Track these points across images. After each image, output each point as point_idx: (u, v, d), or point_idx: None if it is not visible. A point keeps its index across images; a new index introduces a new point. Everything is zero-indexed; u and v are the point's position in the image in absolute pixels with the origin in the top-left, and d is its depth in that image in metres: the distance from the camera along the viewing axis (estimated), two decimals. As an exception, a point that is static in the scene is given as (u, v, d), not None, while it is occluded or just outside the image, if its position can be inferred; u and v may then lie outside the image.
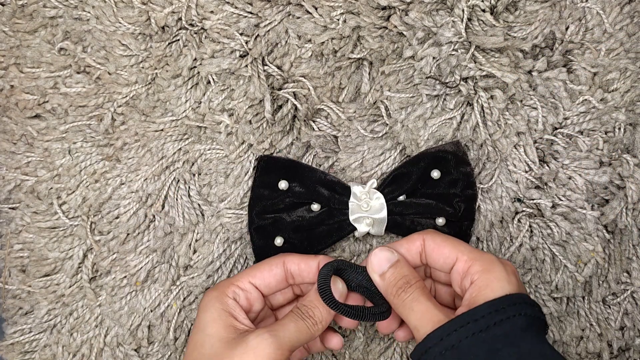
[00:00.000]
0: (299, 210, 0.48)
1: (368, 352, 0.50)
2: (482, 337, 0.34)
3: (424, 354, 0.35)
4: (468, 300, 0.37)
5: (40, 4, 0.51)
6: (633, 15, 0.48)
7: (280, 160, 0.48)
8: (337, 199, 0.47)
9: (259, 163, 0.48)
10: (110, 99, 0.50)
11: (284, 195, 0.47)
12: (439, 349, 0.35)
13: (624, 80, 0.47)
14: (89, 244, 0.51)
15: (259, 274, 0.42)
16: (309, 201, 0.47)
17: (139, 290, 0.50)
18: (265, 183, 0.47)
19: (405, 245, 0.42)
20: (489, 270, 0.37)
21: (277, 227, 0.47)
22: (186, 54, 0.49)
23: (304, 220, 0.47)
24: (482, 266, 0.37)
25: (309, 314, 0.40)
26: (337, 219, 0.47)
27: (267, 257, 0.45)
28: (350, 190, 0.47)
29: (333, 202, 0.47)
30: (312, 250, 0.47)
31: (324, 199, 0.47)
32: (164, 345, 0.50)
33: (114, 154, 0.51)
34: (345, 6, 0.47)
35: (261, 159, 0.48)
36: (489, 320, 0.34)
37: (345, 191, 0.47)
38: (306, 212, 0.47)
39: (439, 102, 0.48)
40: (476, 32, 0.46)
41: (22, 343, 0.51)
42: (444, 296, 0.44)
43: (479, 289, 0.36)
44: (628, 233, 0.49)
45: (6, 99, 0.52)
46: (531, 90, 0.48)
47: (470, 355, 0.34)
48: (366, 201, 0.46)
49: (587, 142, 0.48)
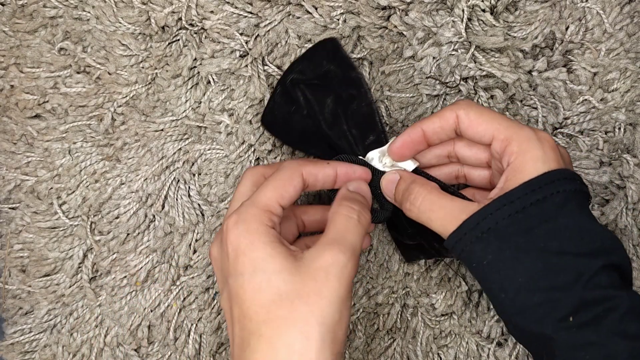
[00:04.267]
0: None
1: (368, 352, 0.50)
2: (519, 218, 0.34)
3: (459, 241, 0.35)
4: (503, 182, 0.36)
5: (40, 4, 0.51)
6: (633, 15, 0.48)
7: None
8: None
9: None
10: (110, 99, 0.50)
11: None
12: (475, 232, 0.34)
13: (624, 80, 0.47)
14: (89, 244, 0.51)
15: (286, 194, 0.37)
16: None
17: (139, 290, 0.50)
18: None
19: (438, 122, 0.39)
20: (525, 151, 0.35)
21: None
22: (186, 54, 0.49)
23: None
24: (518, 146, 0.36)
25: (361, 210, 0.38)
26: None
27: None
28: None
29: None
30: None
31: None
32: (164, 345, 0.50)
33: (114, 154, 0.51)
34: (345, 6, 0.47)
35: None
36: (524, 201, 0.34)
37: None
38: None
39: (439, 102, 0.48)
40: (476, 32, 0.46)
41: (22, 343, 0.51)
42: (477, 179, 0.43)
43: (515, 172, 0.35)
44: (628, 233, 0.49)
45: (6, 99, 0.52)
46: (531, 90, 0.48)
47: (506, 236, 0.34)
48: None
49: (587, 142, 0.48)
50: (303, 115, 0.44)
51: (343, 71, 0.44)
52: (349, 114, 0.43)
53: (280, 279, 0.33)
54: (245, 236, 0.34)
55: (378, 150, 0.43)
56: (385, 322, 0.50)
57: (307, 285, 0.33)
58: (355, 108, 0.43)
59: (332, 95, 0.44)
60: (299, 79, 0.44)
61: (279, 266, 0.33)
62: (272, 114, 0.46)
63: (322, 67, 0.44)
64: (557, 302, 0.33)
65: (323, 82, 0.44)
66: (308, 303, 0.32)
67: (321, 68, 0.44)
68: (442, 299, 0.49)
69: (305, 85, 0.44)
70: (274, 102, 0.46)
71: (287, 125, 0.45)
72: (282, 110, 0.45)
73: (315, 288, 0.33)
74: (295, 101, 0.44)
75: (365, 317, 0.50)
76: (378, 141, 0.43)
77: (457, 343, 0.50)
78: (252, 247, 0.34)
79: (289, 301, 0.32)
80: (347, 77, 0.44)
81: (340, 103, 0.44)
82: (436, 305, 0.49)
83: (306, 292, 0.33)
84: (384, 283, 0.49)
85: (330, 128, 0.43)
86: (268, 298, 0.33)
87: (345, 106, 0.44)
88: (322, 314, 0.32)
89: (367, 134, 0.43)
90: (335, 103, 0.44)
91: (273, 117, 0.46)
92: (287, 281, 0.33)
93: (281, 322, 0.32)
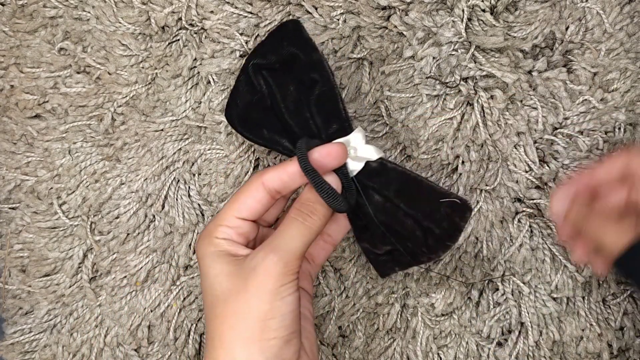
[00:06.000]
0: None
1: (368, 351, 0.50)
2: None
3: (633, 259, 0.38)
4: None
5: (40, 4, 0.51)
6: (633, 15, 0.48)
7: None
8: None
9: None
10: (110, 99, 0.50)
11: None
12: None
13: (624, 80, 0.47)
14: (89, 244, 0.51)
15: (243, 207, 0.39)
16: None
17: (139, 290, 0.50)
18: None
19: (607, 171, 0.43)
20: None
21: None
22: (186, 54, 0.49)
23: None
24: None
25: (310, 210, 0.38)
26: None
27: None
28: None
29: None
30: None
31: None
32: (164, 345, 0.50)
33: (114, 154, 0.51)
34: (345, 6, 0.47)
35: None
36: None
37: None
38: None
39: (439, 102, 0.48)
40: (476, 32, 0.46)
41: (22, 343, 0.51)
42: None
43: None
44: (628, 233, 0.49)
45: (6, 99, 0.52)
46: (531, 90, 0.48)
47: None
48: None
49: (587, 142, 0.48)
50: (266, 106, 0.42)
51: (305, 54, 0.41)
52: (311, 100, 0.41)
53: (217, 282, 0.37)
54: (200, 249, 0.39)
55: (342, 139, 0.41)
56: (385, 322, 0.50)
57: (238, 284, 0.36)
58: (317, 93, 0.41)
59: (294, 80, 0.41)
60: (261, 64, 0.41)
61: (219, 271, 0.37)
62: (235, 105, 0.43)
63: (283, 48, 0.41)
64: None
65: (285, 67, 0.41)
66: (237, 300, 0.36)
67: (282, 50, 0.41)
68: (441, 299, 0.49)
69: (267, 71, 0.41)
70: (237, 92, 0.42)
71: (249, 119, 0.42)
72: (245, 101, 0.42)
73: (244, 285, 0.36)
74: (257, 89, 0.42)
75: (365, 317, 0.50)
76: (342, 129, 0.41)
77: (457, 343, 0.50)
78: (202, 256, 0.38)
79: (223, 300, 0.36)
80: (309, 60, 0.41)
81: (301, 89, 0.41)
82: (436, 305, 0.49)
83: (236, 290, 0.36)
84: (384, 283, 0.49)
85: (293, 117, 0.41)
86: (210, 301, 0.37)
87: (308, 92, 0.41)
88: (249, 308, 0.35)
89: (330, 121, 0.41)
90: (297, 89, 0.41)
91: (236, 109, 0.43)
92: (222, 283, 0.37)
93: (218, 320, 0.36)
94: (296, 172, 0.39)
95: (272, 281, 0.35)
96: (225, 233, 0.39)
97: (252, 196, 0.39)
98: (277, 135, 0.42)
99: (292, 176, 0.39)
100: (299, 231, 0.38)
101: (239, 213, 0.39)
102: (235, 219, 0.39)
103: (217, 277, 0.37)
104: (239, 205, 0.39)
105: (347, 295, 0.50)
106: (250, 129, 0.42)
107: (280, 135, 0.42)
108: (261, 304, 0.35)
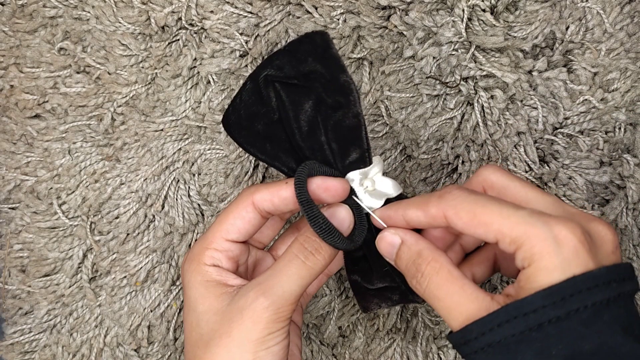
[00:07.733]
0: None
1: (368, 352, 0.50)
2: (533, 337, 0.28)
3: (464, 344, 0.30)
4: (518, 282, 0.30)
5: (40, 4, 0.51)
6: (633, 15, 0.48)
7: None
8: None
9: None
10: (110, 99, 0.50)
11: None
12: (480, 344, 0.29)
13: (624, 80, 0.47)
14: (89, 244, 0.51)
15: (232, 228, 0.36)
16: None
17: (139, 290, 0.50)
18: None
19: (423, 217, 0.34)
20: (538, 259, 0.29)
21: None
22: (186, 54, 0.49)
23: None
24: (530, 250, 0.29)
25: (315, 248, 0.34)
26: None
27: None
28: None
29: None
30: None
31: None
32: (164, 345, 0.50)
33: (114, 154, 0.51)
34: (345, 6, 0.47)
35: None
36: (541, 316, 0.28)
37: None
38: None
39: (439, 101, 0.48)
40: (476, 32, 0.46)
41: (22, 343, 0.51)
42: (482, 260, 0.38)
43: (528, 280, 0.29)
44: (628, 233, 0.49)
45: (6, 99, 0.52)
46: (531, 90, 0.48)
47: (517, 355, 0.28)
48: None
49: (587, 142, 0.48)
50: (273, 120, 0.37)
51: (331, 73, 0.36)
52: (331, 124, 0.36)
53: (204, 320, 0.34)
54: (186, 275, 0.36)
55: (359, 172, 0.37)
56: (385, 322, 0.50)
57: (223, 326, 0.33)
58: (339, 118, 0.36)
59: (313, 99, 0.37)
60: (275, 76, 0.37)
61: (207, 307, 0.34)
62: (236, 113, 0.38)
63: (306, 64, 0.37)
64: None
65: (304, 83, 0.37)
66: (219, 345, 0.33)
67: (304, 66, 0.37)
68: (442, 299, 0.49)
69: (281, 85, 0.37)
70: (241, 100, 0.38)
71: (252, 130, 0.38)
72: (249, 111, 0.38)
73: (228, 329, 0.33)
74: (265, 102, 0.37)
75: (365, 317, 0.50)
76: (361, 160, 0.37)
77: (457, 343, 0.49)
78: (189, 285, 0.36)
79: (206, 342, 0.34)
80: (335, 81, 0.36)
81: (321, 110, 0.37)
82: (436, 306, 0.49)
83: (219, 334, 0.33)
84: (384, 283, 0.49)
85: (305, 139, 0.37)
86: (194, 338, 0.35)
87: (328, 115, 0.37)
88: (230, 355, 0.33)
89: (349, 149, 0.37)
90: (315, 109, 0.36)
91: (237, 117, 0.38)
92: (210, 322, 0.34)
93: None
94: (289, 197, 0.36)
95: (259, 329, 0.33)
96: (214, 258, 0.36)
97: (242, 216, 0.36)
98: (282, 153, 0.38)
99: (285, 202, 0.36)
100: (298, 272, 0.34)
101: (227, 235, 0.36)
102: (224, 242, 0.36)
103: (205, 314, 0.34)
104: (227, 226, 0.36)
105: (347, 296, 0.50)
106: (251, 141, 0.38)
107: (286, 154, 0.38)
108: (243, 353, 0.32)
